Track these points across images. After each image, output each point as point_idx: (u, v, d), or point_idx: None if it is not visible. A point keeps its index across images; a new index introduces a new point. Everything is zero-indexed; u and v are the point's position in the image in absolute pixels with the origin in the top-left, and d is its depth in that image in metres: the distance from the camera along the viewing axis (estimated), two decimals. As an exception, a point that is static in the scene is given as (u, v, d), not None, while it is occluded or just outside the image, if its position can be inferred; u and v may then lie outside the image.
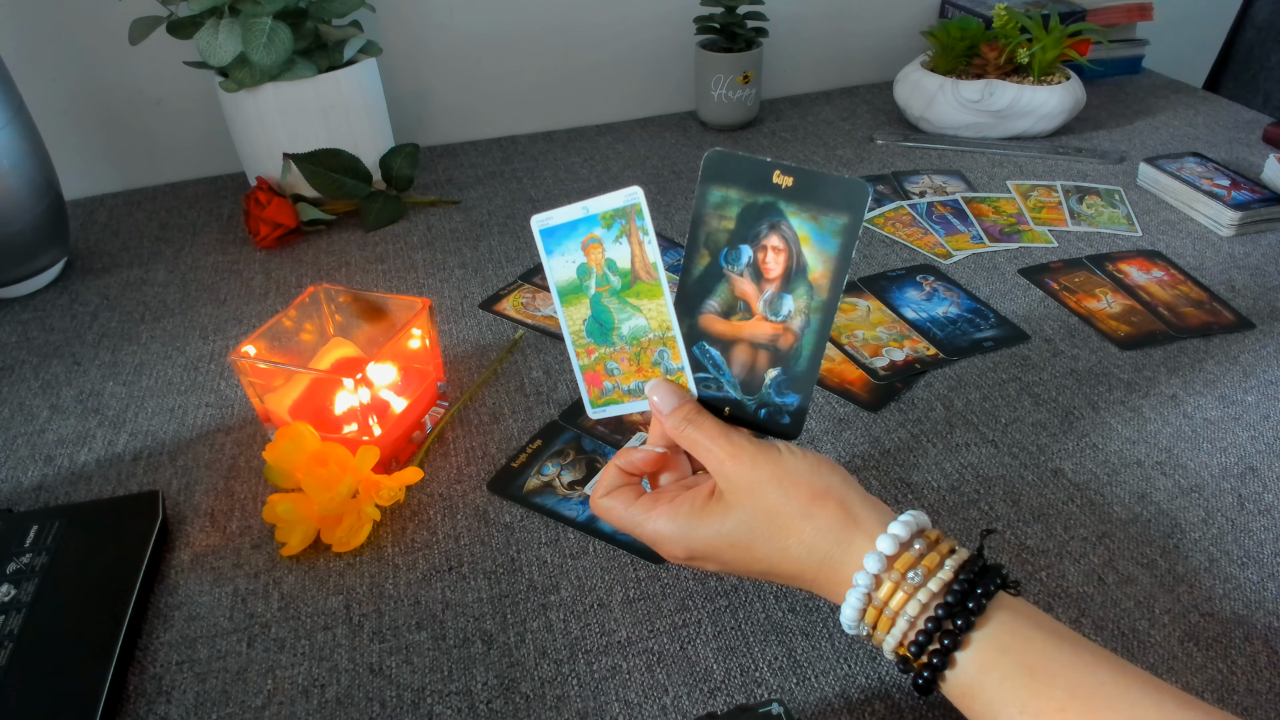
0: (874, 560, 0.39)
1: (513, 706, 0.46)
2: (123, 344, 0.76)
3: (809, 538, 0.40)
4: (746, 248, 0.40)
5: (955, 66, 1.07)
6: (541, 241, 0.44)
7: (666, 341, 0.43)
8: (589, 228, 0.42)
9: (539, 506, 0.57)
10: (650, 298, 0.42)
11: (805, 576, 0.41)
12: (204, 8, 0.81)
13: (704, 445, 0.42)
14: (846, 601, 0.39)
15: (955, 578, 0.38)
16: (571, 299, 0.44)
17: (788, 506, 0.41)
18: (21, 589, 0.50)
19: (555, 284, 0.44)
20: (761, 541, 0.41)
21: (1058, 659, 0.35)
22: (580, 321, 0.44)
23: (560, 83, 1.14)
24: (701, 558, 0.44)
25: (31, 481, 0.61)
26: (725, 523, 0.42)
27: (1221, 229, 0.86)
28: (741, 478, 0.41)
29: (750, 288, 0.41)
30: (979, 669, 0.36)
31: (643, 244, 0.41)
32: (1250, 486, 0.57)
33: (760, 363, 0.42)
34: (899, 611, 0.38)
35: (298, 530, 0.54)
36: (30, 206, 0.78)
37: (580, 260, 0.43)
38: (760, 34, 1.08)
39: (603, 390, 0.45)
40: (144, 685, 0.47)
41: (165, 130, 1.03)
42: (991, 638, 0.37)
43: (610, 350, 0.44)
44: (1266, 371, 0.67)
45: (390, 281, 0.83)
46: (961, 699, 0.37)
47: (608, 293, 0.43)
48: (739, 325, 0.41)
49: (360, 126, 0.93)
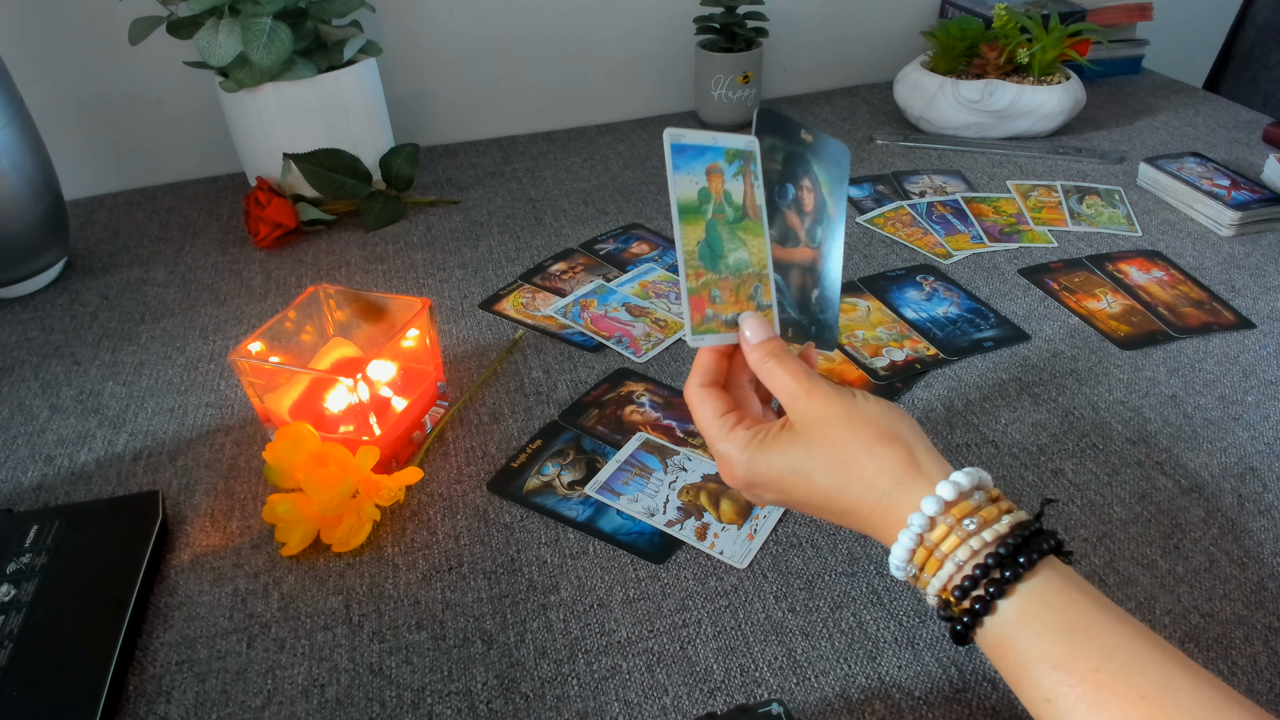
0: (932, 503, 0.38)
1: (513, 706, 0.46)
2: (123, 344, 0.76)
3: (870, 474, 0.41)
4: (790, 186, 0.46)
5: (955, 66, 1.07)
6: (671, 155, 0.44)
7: (762, 279, 0.46)
8: (714, 157, 0.45)
9: (539, 506, 0.57)
10: (755, 235, 0.46)
11: (860, 513, 0.41)
12: (204, 8, 0.81)
13: (784, 380, 0.44)
14: (898, 541, 0.39)
15: (1010, 532, 0.38)
16: (691, 219, 0.45)
17: (854, 443, 0.41)
18: (21, 589, 0.50)
19: (677, 200, 0.45)
20: (822, 473, 0.42)
21: (1099, 623, 0.35)
22: (695, 243, 0.45)
23: (560, 83, 1.14)
24: (762, 485, 0.44)
25: (31, 481, 0.61)
26: (790, 451, 0.42)
27: (1221, 229, 0.86)
28: (814, 412, 0.42)
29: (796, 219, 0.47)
30: (1019, 620, 0.36)
31: (754, 186, 0.45)
32: (1250, 486, 0.57)
33: (808, 284, 0.48)
34: (949, 555, 0.38)
35: (298, 530, 0.54)
36: (30, 206, 0.78)
37: (703, 184, 0.45)
38: (760, 34, 1.08)
39: (705, 317, 0.46)
40: (144, 685, 0.47)
41: (165, 130, 1.03)
42: (1035, 592, 0.37)
43: (716, 277, 0.46)
44: (1266, 371, 0.67)
45: (390, 281, 0.83)
46: (996, 648, 0.37)
47: (723, 221, 0.45)
48: (791, 252, 0.47)
49: (360, 126, 0.93)
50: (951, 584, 0.38)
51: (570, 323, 0.75)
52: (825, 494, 0.42)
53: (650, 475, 0.59)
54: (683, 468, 0.60)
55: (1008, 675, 0.37)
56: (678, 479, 0.59)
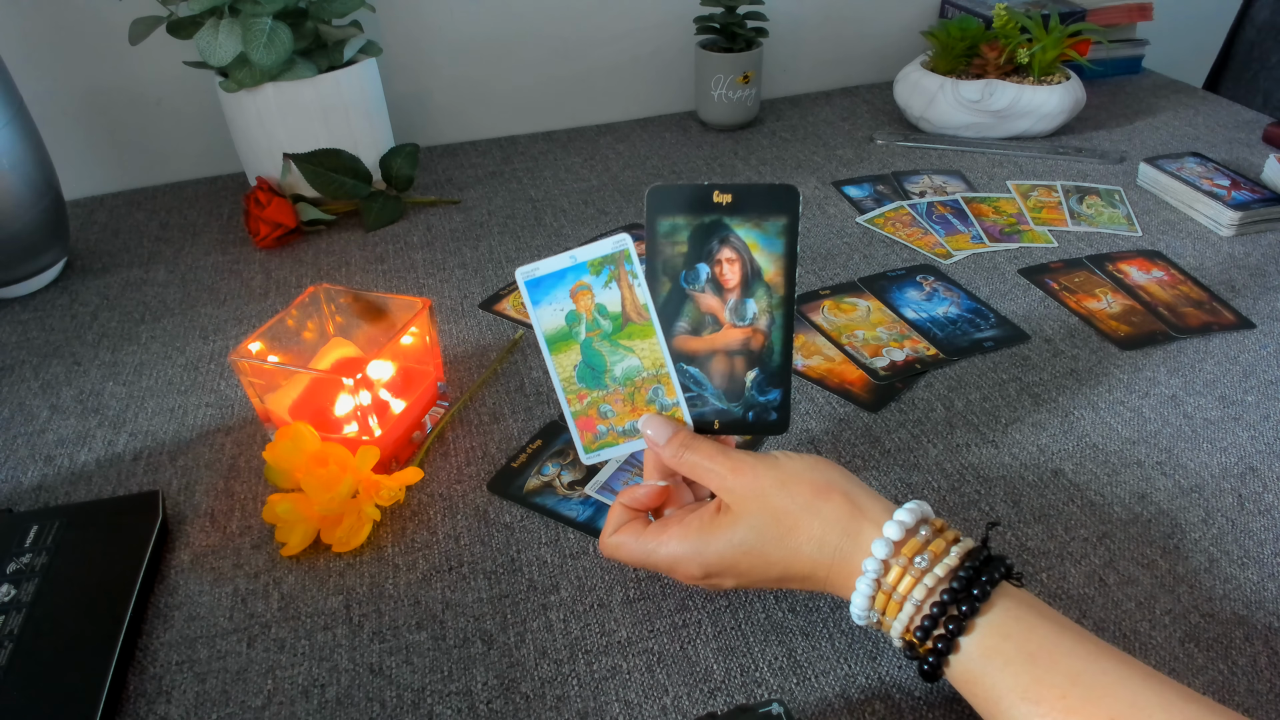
0: (881, 546, 0.39)
1: (513, 706, 0.46)
2: (123, 344, 0.76)
3: (818, 532, 0.41)
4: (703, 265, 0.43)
5: (955, 66, 1.07)
6: (527, 292, 0.44)
7: (661, 379, 0.44)
8: (577, 275, 0.44)
9: (539, 506, 0.57)
10: (643, 338, 0.44)
11: (818, 575, 0.42)
12: (204, 8, 0.81)
13: (704, 466, 0.43)
14: (857, 590, 0.40)
15: (961, 564, 0.38)
16: (561, 346, 0.45)
17: (794, 505, 0.41)
18: (21, 589, 0.50)
19: (543, 333, 0.45)
20: (774, 544, 0.42)
21: (1060, 647, 0.36)
22: (571, 368, 0.45)
23: (560, 83, 1.14)
24: (718, 573, 0.44)
25: (31, 481, 0.61)
26: (736, 532, 0.42)
27: (1221, 229, 0.86)
28: (746, 487, 0.42)
29: (714, 301, 0.43)
30: (982, 655, 0.37)
31: (633, 287, 0.43)
32: (1250, 486, 0.57)
33: (738, 368, 0.44)
34: (906, 596, 0.38)
35: (298, 530, 0.54)
36: (30, 206, 0.78)
37: (569, 307, 0.44)
38: (760, 34, 1.08)
39: (596, 434, 0.46)
40: (144, 685, 0.47)
41: (165, 130, 1.03)
42: (995, 624, 0.37)
43: (603, 393, 0.45)
44: (1266, 371, 0.67)
45: (390, 281, 0.83)
46: (965, 685, 0.38)
47: (599, 337, 0.44)
48: (711, 338, 0.44)
49: (360, 126, 0.93)
50: (913, 625, 0.38)
51: (570, 323, 0.75)
52: (783, 565, 0.42)
53: (650, 475, 0.59)
54: (683, 468, 0.60)
55: (980, 709, 0.37)
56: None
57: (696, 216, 0.43)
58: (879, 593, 0.39)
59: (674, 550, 0.44)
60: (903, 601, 0.39)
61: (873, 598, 0.40)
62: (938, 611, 0.38)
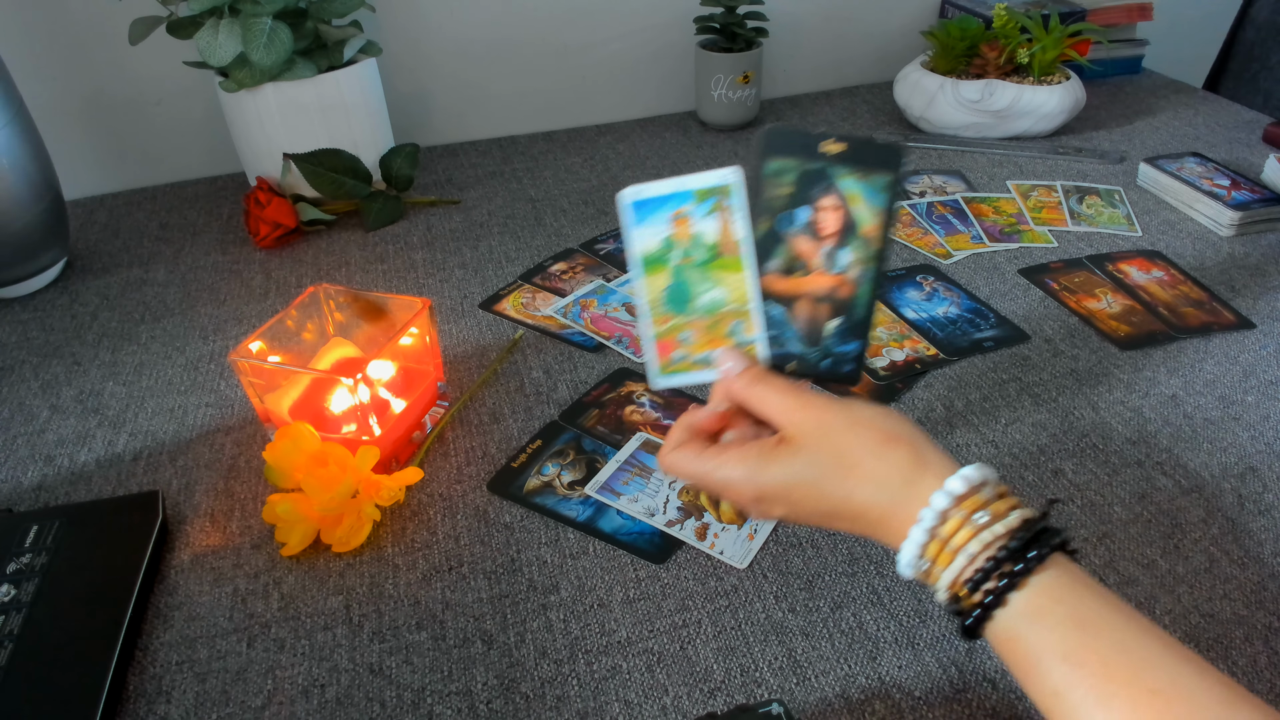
0: (943, 497, 0.38)
1: (513, 706, 0.46)
2: (123, 344, 0.76)
3: (879, 475, 0.40)
4: (803, 209, 0.43)
5: (955, 66, 1.07)
6: (631, 213, 0.45)
7: (743, 315, 0.45)
8: (681, 202, 0.44)
9: (539, 506, 0.57)
10: (732, 271, 0.44)
11: (870, 516, 0.41)
12: (204, 8, 0.81)
13: (773, 400, 0.43)
14: (909, 537, 0.39)
15: (1020, 526, 0.38)
16: (654, 268, 0.45)
17: (858, 446, 0.41)
18: (21, 589, 0.50)
19: (639, 253, 0.45)
20: (831, 481, 0.41)
21: (1108, 619, 0.36)
22: (660, 291, 0.45)
23: (560, 83, 1.14)
24: (770, 499, 0.43)
25: (31, 481, 0.61)
26: (794, 463, 0.42)
27: (1221, 229, 0.86)
28: (811, 422, 0.42)
29: (808, 245, 0.44)
30: (1029, 613, 0.36)
31: (732, 221, 0.44)
32: (1250, 486, 0.57)
33: (821, 314, 0.45)
34: (960, 548, 0.38)
35: (298, 530, 0.54)
36: (30, 206, 0.78)
37: (667, 233, 0.45)
38: (760, 34, 1.08)
39: (671, 359, 0.46)
40: (144, 685, 0.47)
41: (165, 130, 1.03)
42: (1046, 586, 0.37)
43: (685, 320, 0.45)
44: (1266, 371, 0.67)
45: (390, 281, 0.83)
46: (1005, 642, 0.37)
47: (691, 265, 0.45)
48: (799, 281, 0.44)
49: (360, 126, 0.93)
50: (963, 577, 0.38)
51: (570, 323, 0.75)
52: (834, 502, 0.41)
53: (650, 475, 0.59)
54: (683, 468, 0.60)
55: (1015, 669, 0.37)
56: (678, 479, 0.59)
57: (805, 161, 0.43)
58: (932, 541, 0.39)
59: (730, 473, 0.44)
60: (956, 552, 0.38)
61: (925, 545, 0.39)
62: (991, 566, 0.37)
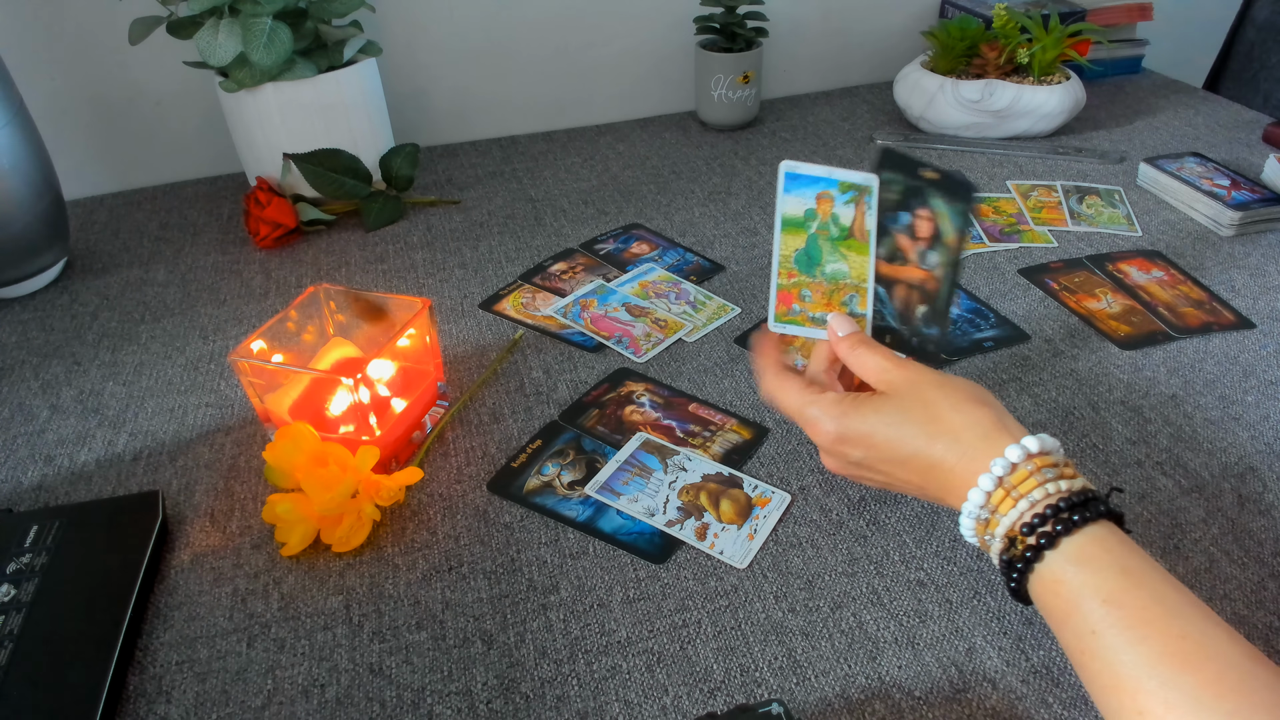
0: (1017, 450, 0.41)
1: (513, 706, 0.46)
2: (123, 344, 0.76)
3: (959, 429, 0.43)
4: (905, 213, 0.52)
5: (955, 66, 1.07)
6: (784, 180, 0.52)
7: (859, 290, 0.52)
8: (827, 186, 0.51)
9: (539, 506, 0.57)
10: (858, 253, 0.52)
11: (943, 466, 0.43)
12: (204, 8, 0.81)
13: (873, 360, 0.48)
14: (978, 484, 0.41)
15: (1082, 490, 0.40)
16: (792, 230, 0.52)
17: (944, 402, 0.44)
18: (21, 589, 0.50)
19: (783, 214, 0.52)
20: (914, 428, 0.44)
21: (1150, 574, 0.38)
22: (792, 250, 0.53)
23: (560, 83, 1.14)
24: (851, 441, 0.46)
25: (31, 481, 0.61)
26: (884, 410, 0.46)
27: (1221, 229, 0.86)
28: (904, 379, 0.46)
29: (908, 242, 0.52)
30: (1077, 558, 0.39)
31: (864, 214, 0.51)
32: (1250, 486, 0.57)
33: (913, 300, 0.53)
34: (1024, 495, 0.40)
35: (298, 530, 0.54)
36: (30, 206, 0.78)
37: (810, 206, 0.52)
38: (760, 34, 1.08)
39: (790, 310, 0.53)
40: (144, 685, 0.47)
41: (165, 130, 1.03)
42: (1097, 538, 0.39)
43: (809, 280, 0.52)
44: (1266, 371, 0.67)
45: (390, 281, 0.83)
46: (1049, 584, 0.39)
47: (825, 236, 0.52)
48: (899, 269, 0.53)
49: (360, 126, 0.93)
50: (1022, 520, 0.40)
51: (570, 323, 0.75)
52: (912, 449, 0.44)
53: (650, 475, 0.59)
54: (683, 468, 0.60)
55: (1054, 613, 0.39)
56: (678, 479, 0.59)
57: (908, 179, 0.52)
58: (999, 489, 0.41)
59: (822, 410, 0.47)
60: (1019, 499, 0.40)
61: (990, 494, 0.41)
62: (1050, 513, 0.39)
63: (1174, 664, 0.34)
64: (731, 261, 0.84)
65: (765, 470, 0.60)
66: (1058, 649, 0.48)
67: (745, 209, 0.93)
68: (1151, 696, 0.34)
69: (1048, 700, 0.45)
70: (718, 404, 0.66)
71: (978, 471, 0.42)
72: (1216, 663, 0.34)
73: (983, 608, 0.50)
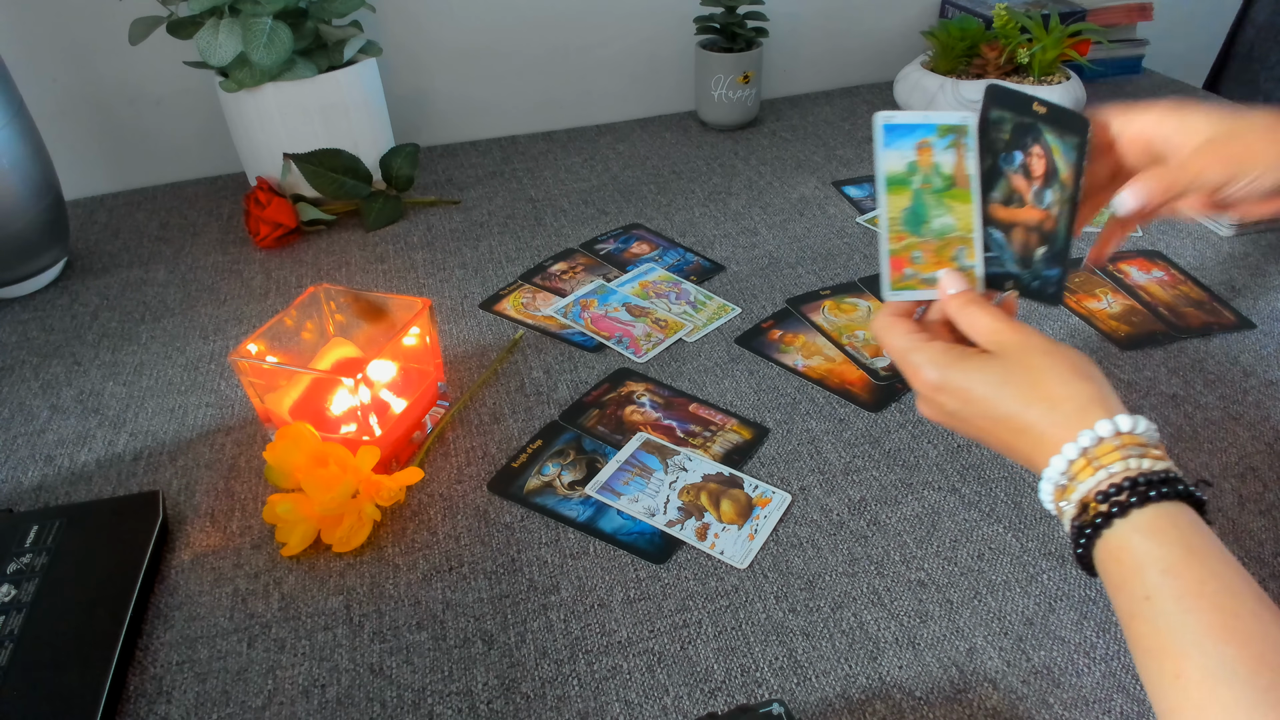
0: (1107, 426, 0.41)
1: (513, 706, 0.46)
2: (123, 344, 0.76)
3: (1057, 397, 0.43)
4: (1019, 153, 0.50)
5: (955, 66, 1.07)
6: (883, 134, 0.50)
7: (967, 241, 0.50)
8: (926, 133, 0.50)
9: (539, 506, 0.57)
10: (962, 202, 0.50)
11: (1032, 432, 0.43)
12: (204, 8, 0.81)
13: (984, 320, 0.47)
14: (1062, 452, 0.42)
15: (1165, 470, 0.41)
16: (897, 189, 0.51)
17: (1049, 369, 0.44)
18: (21, 589, 0.50)
19: (885, 173, 0.50)
20: (1012, 390, 0.44)
21: (1214, 554, 0.38)
22: (899, 210, 0.51)
23: (560, 83, 1.14)
24: (949, 391, 0.46)
25: (31, 481, 0.61)
26: (989, 367, 0.45)
27: (1221, 229, 0.86)
28: (1013, 341, 0.46)
29: (1022, 183, 0.51)
30: (1145, 528, 0.39)
31: (965, 158, 0.50)
32: (1250, 486, 0.57)
33: (1032, 242, 0.51)
34: (1104, 466, 0.41)
35: (298, 530, 0.54)
36: (30, 206, 0.78)
37: (912, 159, 0.50)
38: (760, 34, 1.08)
39: (903, 275, 0.51)
40: (144, 685, 0.47)
41: (165, 130, 1.03)
42: (1168, 513, 0.39)
43: (918, 240, 0.51)
44: (1266, 371, 0.67)
45: (390, 281, 0.83)
46: (1115, 550, 0.40)
47: (929, 190, 0.50)
48: (1016, 212, 0.51)
49: (360, 126, 0.93)
50: (1098, 488, 0.41)
51: (570, 323, 0.75)
52: (1007, 410, 0.44)
53: (651, 475, 0.59)
54: (683, 468, 0.60)
55: (1115, 577, 0.40)
56: (678, 479, 0.59)
57: (1019, 116, 0.50)
58: (1082, 458, 0.41)
59: (927, 357, 0.47)
60: (1098, 469, 0.41)
61: (1074, 462, 0.42)
62: (1126, 485, 0.40)
63: (1219, 636, 0.35)
64: (731, 261, 0.84)
65: (766, 470, 0.60)
66: (1059, 650, 0.48)
67: (745, 209, 0.93)
68: (1191, 663, 0.35)
69: (1048, 701, 0.45)
70: (718, 404, 0.66)
71: (1066, 440, 0.43)
72: (1262, 642, 0.35)
73: (983, 608, 0.50)
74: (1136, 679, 0.46)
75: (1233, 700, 0.34)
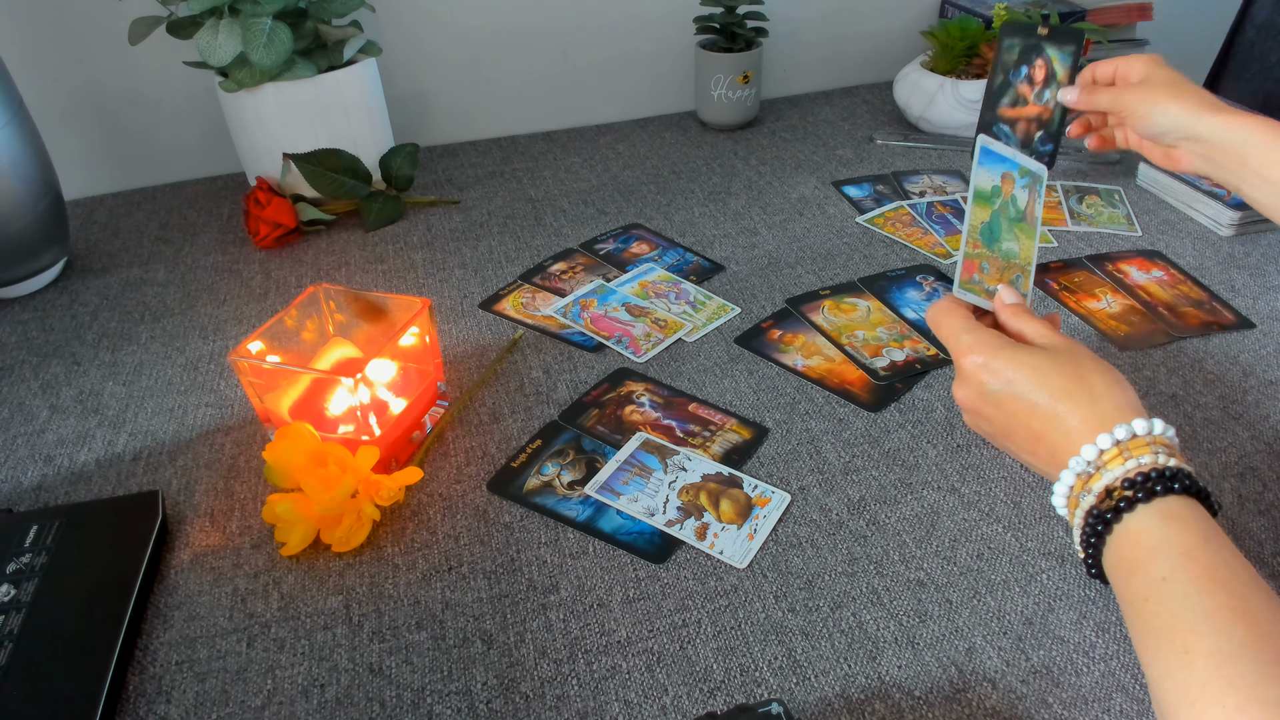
0: (1144, 424, 0.44)
1: (512, 706, 0.46)
2: (123, 344, 0.76)
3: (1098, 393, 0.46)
4: (1025, 67, 0.65)
5: (955, 66, 1.07)
6: (980, 154, 0.56)
7: (1024, 271, 0.55)
8: (1011, 168, 0.55)
9: (539, 506, 0.57)
10: (1026, 237, 0.54)
11: (1071, 420, 0.46)
12: (204, 8, 0.81)
13: (1035, 325, 0.51)
14: (1095, 441, 0.44)
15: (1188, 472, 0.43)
16: (982, 202, 0.56)
17: (1095, 372, 0.47)
18: (21, 589, 0.50)
19: (975, 186, 0.56)
20: (1057, 378, 0.47)
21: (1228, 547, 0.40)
22: (979, 221, 0.56)
23: (560, 83, 1.14)
24: (993, 373, 0.49)
25: (31, 481, 0.61)
26: (1036, 355, 0.48)
27: (1221, 229, 0.86)
28: (1064, 343, 0.49)
29: (1027, 89, 0.65)
30: (1166, 514, 0.41)
31: (1036, 203, 0.54)
32: (1250, 486, 0.57)
33: (1031, 130, 0.65)
34: (1135, 456, 0.43)
35: (297, 530, 0.54)
36: (30, 206, 0.78)
37: (997, 182, 0.56)
38: (760, 34, 1.08)
39: (971, 279, 0.56)
40: (144, 685, 0.47)
41: (165, 130, 1.03)
42: (1187, 505, 0.42)
43: (989, 253, 0.56)
44: (1266, 371, 0.67)
45: (390, 281, 0.83)
46: (1134, 537, 0.42)
47: (1005, 215, 0.55)
48: (1020, 110, 0.65)
49: (360, 126, 0.93)
50: (1125, 475, 0.42)
51: (570, 323, 0.75)
52: (1047, 395, 0.47)
53: (650, 475, 0.59)
54: (683, 468, 0.60)
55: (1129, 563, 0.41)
56: (678, 479, 0.59)
57: (1026, 39, 0.64)
58: (1115, 447, 0.43)
59: (979, 339, 0.50)
60: (1127, 459, 0.43)
61: (1104, 451, 0.43)
62: (1154, 475, 0.42)
63: (1229, 617, 0.37)
64: (731, 261, 0.84)
65: (765, 470, 0.60)
66: (1058, 649, 0.48)
67: (745, 209, 0.93)
68: (1201, 639, 0.36)
69: (1048, 700, 0.45)
70: (718, 404, 0.66)
71: (1101, 431, 0.44)
72: (1269, 624, 0.36)
73: (983, 608, 0.50)
74: (1136, 679, 0.46)
75: (1238, 675, 0.35)
